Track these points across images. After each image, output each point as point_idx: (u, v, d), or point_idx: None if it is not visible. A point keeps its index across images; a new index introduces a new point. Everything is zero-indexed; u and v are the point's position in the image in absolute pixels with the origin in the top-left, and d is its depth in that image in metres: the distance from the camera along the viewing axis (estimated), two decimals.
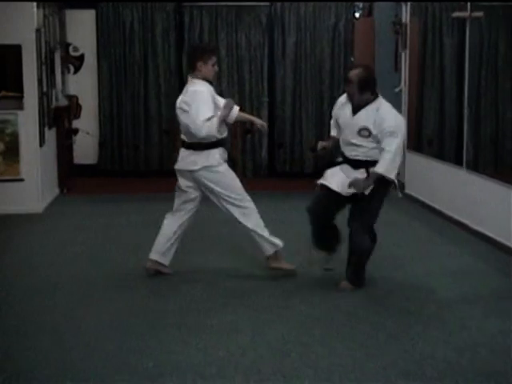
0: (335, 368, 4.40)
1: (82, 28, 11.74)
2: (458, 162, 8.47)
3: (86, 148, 11.86)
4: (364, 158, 5.81)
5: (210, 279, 6.19)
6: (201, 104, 5.92)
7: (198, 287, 6.02)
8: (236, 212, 6.12)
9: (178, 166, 6.21)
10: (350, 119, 5.85)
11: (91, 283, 6.18)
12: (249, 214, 6.15)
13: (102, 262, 6.84)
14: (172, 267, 6.31)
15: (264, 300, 5.72)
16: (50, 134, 10.00)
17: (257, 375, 4.31)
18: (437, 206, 8.99)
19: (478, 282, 6.22)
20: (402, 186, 10.45)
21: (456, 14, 8.48)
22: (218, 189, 6.08)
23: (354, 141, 5.81)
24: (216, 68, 6.18)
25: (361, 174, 5.78)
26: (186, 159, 6.13)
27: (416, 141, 10.17)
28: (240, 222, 6.15)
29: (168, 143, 11.82)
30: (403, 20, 10.47)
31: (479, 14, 7.97)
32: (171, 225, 6.26)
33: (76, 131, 11.40)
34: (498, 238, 7.29)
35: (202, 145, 6.02)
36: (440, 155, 9.25)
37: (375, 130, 5.71)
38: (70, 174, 10.84)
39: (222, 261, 6.71)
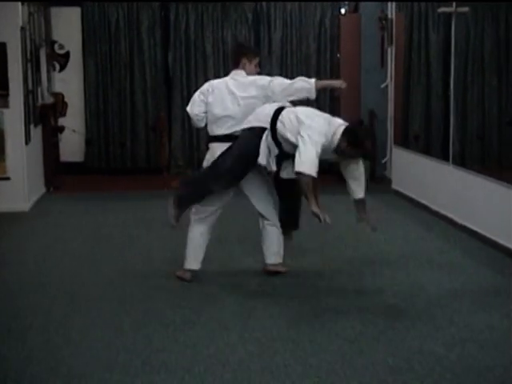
0: (324, 364, 4.40)
1: (67, 25, 11.70)
2: (444, 157, 8.49)
3: (72, 146, 11.83)
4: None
5: (198, 277, 6.17)
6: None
7: (186, 285, 6.01)
8: (271, 202, 6.08)
9: None
10: None
11: (79, 282, 6.16)
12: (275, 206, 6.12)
13: (90, 260, 6.82)
14: (161, 265, 6.31)
15: (253, 297, 5.72)
16: (36, 132, 9.96)
17: (246, 372, 4.31)
18: (424, 202, 9.01)
19: (465, 277, 6.24)
20: (389, 181, 10.49)
21: (442, 10, 8.50)
22: (260, 176, 6.05)
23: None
24: (258, 69, 6.11)
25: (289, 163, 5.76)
26: None
27: (402, 136, 10.19)
28: (269, 211, 6.07)
29: (155, 140, 11.80)
30: (389, 16, 10.49)
31: (465, 9, 7.98)
32: (207, 231, 6.10)
33: (62, 129, 11.36)
34: (484, 233, 7.31)
35: None
36: (426, 151, 9.27)
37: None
38: (56, 172, 10.79)
39: (210, 259, 6.69)
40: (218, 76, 11.76)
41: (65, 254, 7.07)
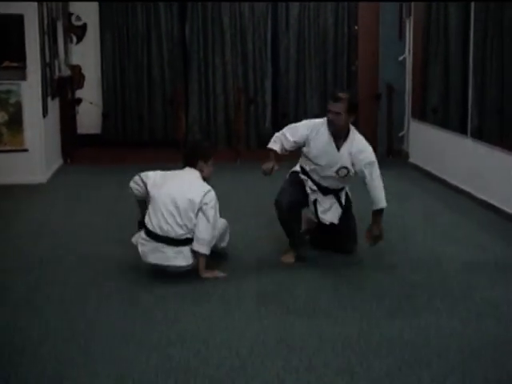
0: (340, 338, 4.40)
1: None
2: (462, 130, 8.44)
3: (89, 118, 11.83)
4: (334, 187, 5.91)
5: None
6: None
7: None
8: None
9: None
10: (331, 155, 5.73)
11: (95, 254, 6.18)
12: None
13: (106, 233, 6.84)
14: None
15: (269, 271, 5.72)
16: (53, 104, 9.97)
17: (261, 345, 4.32)
18: (441, 175, 8.97)
19: (482, 251, 6.22)
20: (406, 154, 10.44)
21: None
22: None
23: (329, 176, 5.81)
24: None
25: (330, 199, 5.91)
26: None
27: (420, 110, 10.12)
28: None
29: (172, 113, 11.78)
30: None
31: None
32: None
33: (79, 101, 11.37)
34: (502, 207, 7.28)
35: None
36: (445, 124, 9.20)
37: (351, 164, 5.71)
38: (73, 144, 10.82)
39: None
40: (235, 49, 11.77)
41: (81, 226, 7.10)
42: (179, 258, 5.47)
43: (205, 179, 5.70)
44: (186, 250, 5.46)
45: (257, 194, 8.01)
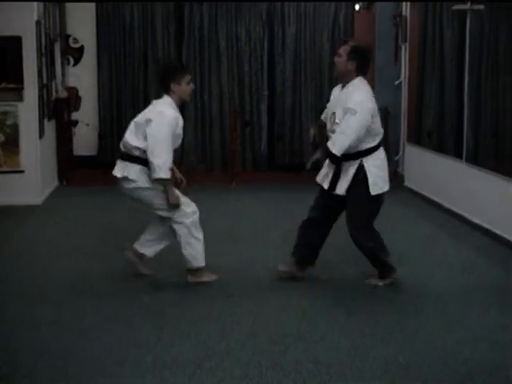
0: (335, 361, 4.40)
1: (81, 20, 11.69)
2: (457, 154, 8.47)
3: (85, 140, 11.84)
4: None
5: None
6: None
7: None
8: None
9: None
10: (332, 101, 5.82)
11: (90, 276, 6.18)
12: None
13: (101, 254, 6.84)
14: (172, 260, 6.29)
15: (264, 293, 5.72)
16: (50, 126, 9.99)
17: (256, 368, 4.31)
18: (437, 199, 8.99)
19: (477, 275, 6.23)
20: (401, 178, 10.47)
21: (456, 7, 8.46)
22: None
23: (330, 128, 5.73)
24: (192, 86, 5.90)
25: (331, 169, 5.68)
26: None
27: (416, 133, 10.16)
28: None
29: None
30: (403, 13, 10.46)
31: (480, 6, 7.95)
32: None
33: (76, 123, 11.39)
34: (497, 231, 7.29)
35: None
36: (440, 148, 9.24)
37: (341, 111, 5.57)
38: (69, 165, 10.83)
39: (221, 255, 6.70)
40: (231, 72, 11.82)
41: (77, 248, 7.09)
42: (121, 170, 5.98)
43: (183, 99, 5.93)
44: (128, 165, 5.93)
45: (253, 217, 8.02)
